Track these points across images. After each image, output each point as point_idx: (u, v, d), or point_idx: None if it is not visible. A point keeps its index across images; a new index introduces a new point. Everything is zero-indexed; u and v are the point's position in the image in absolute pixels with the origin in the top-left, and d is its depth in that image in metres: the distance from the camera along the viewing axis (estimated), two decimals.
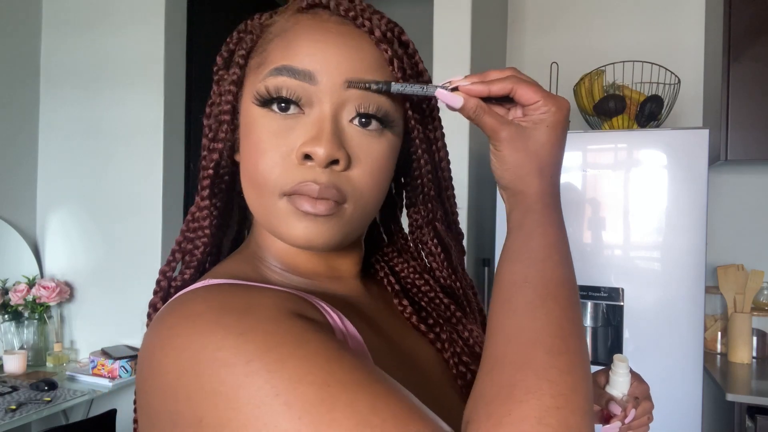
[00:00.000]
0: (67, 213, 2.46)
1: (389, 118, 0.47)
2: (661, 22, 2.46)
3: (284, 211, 0.45)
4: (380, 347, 0.48)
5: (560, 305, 0.41)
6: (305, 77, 0.44)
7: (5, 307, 2.23)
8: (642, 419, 0.65)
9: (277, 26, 0.49)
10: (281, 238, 0.47)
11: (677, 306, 1.78)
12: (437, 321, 0.56)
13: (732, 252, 2.32)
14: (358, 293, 0.54)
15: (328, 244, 0.46)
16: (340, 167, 0.44)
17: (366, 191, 0.46)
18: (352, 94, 0.45)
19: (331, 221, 0.45)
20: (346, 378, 0.35)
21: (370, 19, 0.47)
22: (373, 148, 0.46)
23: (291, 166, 0.44)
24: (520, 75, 0.46)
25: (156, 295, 0.51)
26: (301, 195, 0.44)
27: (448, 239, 0.58)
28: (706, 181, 1.76)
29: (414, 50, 0.51)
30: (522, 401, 0.35)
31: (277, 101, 0.45)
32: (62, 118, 2.47)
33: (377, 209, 0.50)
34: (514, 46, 2.67)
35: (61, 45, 2.48)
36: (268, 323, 0.38)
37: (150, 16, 2.32)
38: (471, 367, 0.53)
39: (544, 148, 0.46)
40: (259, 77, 0.46)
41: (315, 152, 0.43)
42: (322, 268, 0.52)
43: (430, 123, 0.54)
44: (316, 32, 0.46)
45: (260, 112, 0.46)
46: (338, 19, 0.47)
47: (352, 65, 0.45)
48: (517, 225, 0.46)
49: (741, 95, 1.99)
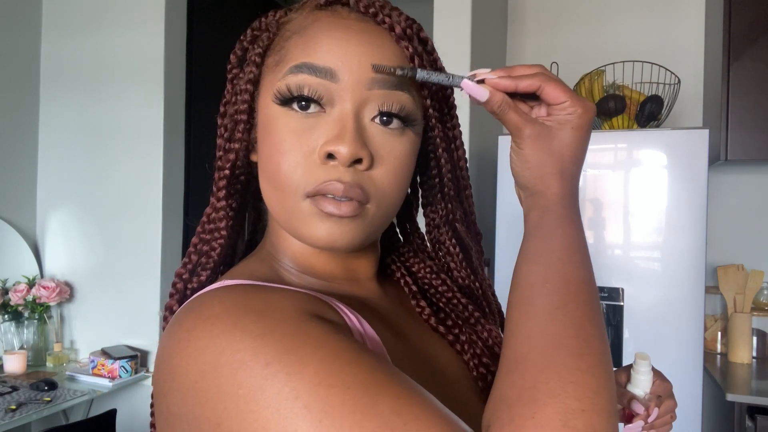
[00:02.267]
0: (67, 213, 2.46)
1: (411, 117, 0.46)
2: (661, 22, 2.46)
3: (307, 213, 0.44)
4: (399, 349, 0.47)
5: (581, 307, 0.40)
6: (326, 75, 0.43)
7: (5, 307, 2.24)
8: (665, 418, 0.64)
9: (295, 23, 0.48)
10: (303, 239, 0.46)
11: (677, 306, 1.78)
12: (456, 322, 0.55)
13: (732, 252, 2.32)
14: (375, 295, 0.53)
15: (351, 245, 0.45)
16: (363, 166, 0.44)
17: (388, 191, 0.46)
18: (375, 93, 0.44)
19: (354, 222, 0.44)
20: (367, 380, 0.34)
21: (390, 16, 0.46)
22: (395, 147, 0.45)
23: (313, 166, 0.44)
24: (547, 73, 0.45)
25: (172, 297, 0.50)
26: (325, 196, 0.43)
27: (468, 239, 0.57)
28: (706, 181, 1.76)
29: (432, 48, 0.51)
30: (546, 404, 0.34)
31: (298, 100, 0.44)
32: (62, 118, 2.47)
33: (398, 209, 0.50)
34: (514, 46, 2.67)
35: (61, 45, 2.48)
36: (286, 325, 0.37)
37: (150, 16, 2.32)
38: (491, 368, 0.52)
39: (567, 149, 0.45)
40: (278, 75, 0.45)
41: (338, 151, 0.42)
42: (338, 270, 0.51)
43: (449, 121, 0.53)
44: (336, 29, 0.45)
45: (280, 111, 0.45)
46: (358, 16, 0.46)
47: (375, 61, 0.44)
48: (535, 225, 0.45)
49: (741, 95, 1.99)
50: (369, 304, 0.51)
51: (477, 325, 0.55)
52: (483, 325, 0.55)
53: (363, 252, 0.53)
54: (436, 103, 0.50)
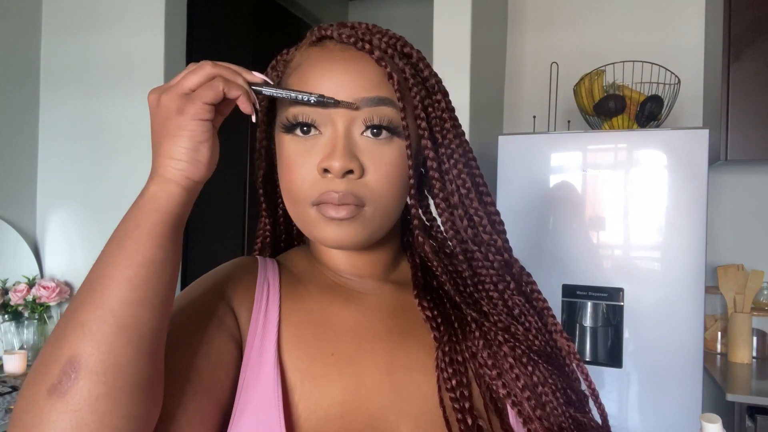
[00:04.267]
0: (67, 213, 2.46)
1: (394, 124, 0.52)
2: (661, 22, 2.46)
3: (315, 218, 0.52)
4: (326, 344, 0.53)
5: None
6: (317, 103, 0.50)
7: (5, 307, 2.24)
8: None
9: (294, 61, 0.56)
10: (316, 240, 0.55)
11: (677, 306, 1.78)
12: (462, 355, 0.55)
13: (732, 252, 2.32)
14: (369, 293, 0.59)
15: (355, 243, 0.53)
16: (355, 176, 0.51)
17: (383, 193, 0.52)
18: (359, 112, 0.51)
19: (354, 223, 0.52)
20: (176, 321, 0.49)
21: (371, 41, 0.53)
22: (384, 153, 0.52)
23: (315, 180, 0.52)
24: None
25: None
26: (326, 203, 0.51)
27: (476, 243, 0.58)
28: (706, 181, 1.76)
29: (418, 58, 0.56)
30: None
31: (299, 126, 0.52)
32: (62, 119, 2.47)
33: (398, 209, 0.56)
34: (514, 46, 2.67)
35: (61, 45, 2.48)
36: (197, 282, 0.55)
37: (150, 17, 2.32)
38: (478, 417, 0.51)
39: None
40: (283, 108, 0.54)
41: (331, 166, 0.50)
42: (344, 266, 0.60)
43: (438, 125, 0.57)
44: (323, 62, 0.53)
45: (287, 138, 0.54)
46: (342, 47, 0.54)
47: (357, 84, 0.51)
48: None
49: (741, 95, 1.99)
50: (354, 297, 0.58)
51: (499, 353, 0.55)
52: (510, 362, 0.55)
53: (369, 252, 0.60)
54: (421, 112, 0.55)
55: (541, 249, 1.93)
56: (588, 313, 1.91)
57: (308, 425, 0.48)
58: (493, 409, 0.53)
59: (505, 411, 0.53)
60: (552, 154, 1.95)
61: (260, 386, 0.48)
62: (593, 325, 1.91)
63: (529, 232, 1.94)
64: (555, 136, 1.98)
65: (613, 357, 1.85)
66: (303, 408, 0.49)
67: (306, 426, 0.48)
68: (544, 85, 2.37)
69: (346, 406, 0.50)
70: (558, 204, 1.93)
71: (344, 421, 0.49)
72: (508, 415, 0.53)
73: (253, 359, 0.50)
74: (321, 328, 0.54)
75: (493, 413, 0.53)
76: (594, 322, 1.90)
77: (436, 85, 0.57)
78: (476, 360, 0.55)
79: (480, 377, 0.54)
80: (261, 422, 0.46)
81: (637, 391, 1.82)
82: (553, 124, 2.25)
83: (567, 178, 1.92)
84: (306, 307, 0.56)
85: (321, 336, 0.53)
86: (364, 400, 0.50)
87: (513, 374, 0.53)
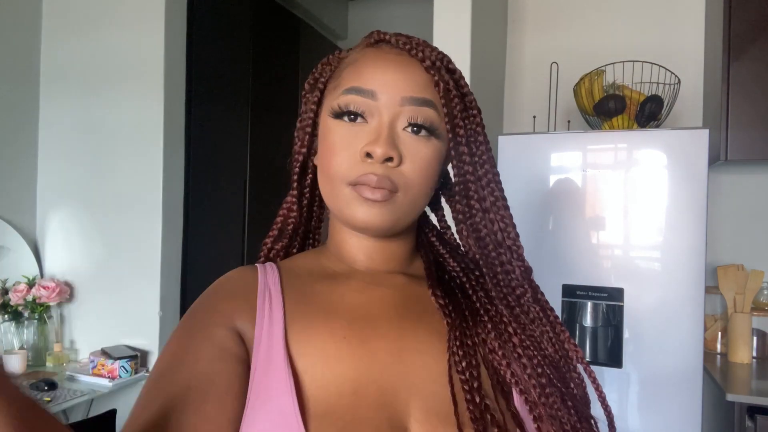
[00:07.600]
0: (67, 213, 2.46)
1: (434, 127, 0.57)
2: (661, 22, 2.46)
3: (349, 197, 0.56)
4: (338, 330, 0.56)
5: None
6: (369, 95, 0.56)
7: (5, 307, 2.24)
8: None
9: (350, 57, 0.61)
10: (345, 218, 0.58)
11: (677, 306, 1.78)
12: (472, 342, 0.57)
13: (732, 252, 2.32)
14: (382, 284, 0.61)
15: (381, 225, 0.56)
16: (393, 164, 0.55)
17: (415, 183, 0.57)
18: (405, 108, 0.56)
19: (385, 206, 0.55)
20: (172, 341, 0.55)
21: (423, 51, 0.58)
22: (421, 149, 0.57)
23: (356, 162, 0.56)
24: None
25: (258, 260, 0.67)
26: (363, 184, 0.55)
27: (491, 257, 0.61)
28: (706, 181, 1.76)
29: (460, 76, 0.62)
30: None
31: (347, 114, 0.57)
32: (62, 118, 2.47)
33: (424, 202, 0.60)
34: (514, 46, 2.67)
35: (61, 45, 2.48)
36: (199, 302, 0.59)
37: (150, 16, 2.32)
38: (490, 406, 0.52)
39: None
40: (335, 96, 0.58)
41: (374, 151, 0.54)
42: (361, 255, 0.63)
43: (473, 136, 0.61)
44: (378, 60, 0.58)
45: (334, 123, 0.58)
46: (397, 51, 0.59)
47: (406, 84, 0.56)
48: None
49: (741, 95, 1.99)
50: (367, 287, 0.61)
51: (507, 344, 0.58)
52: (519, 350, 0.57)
53: (386, 245, 0.63)
54: (460, 121, 0.59)
55: (541, 249, 1.93)
56: (588, 313, 1.91)
57: (322, 402, 0.50)
58: (500, 390, 0.55)
59: (511, 395, 0.55)
60: (552, 154, 1.96)
61: (271, 377, 0.51)
62: (593, 325, 1.91)
63: (529, 232, 1.94)
64: (555, 136, 1.98)
65: (613, 357, 1.86)
66: (315, 387, 0.51)
67: (319, 402, 0.50)
68: (544, 85, 2.37)
69: (359, 382, 0.52)
70: (558, 204, 1.93)
71: (357, 396, 0.51)
72: (513, 399, 0.55)
73: (261, 362, 0.52)
74: (332, 314, 0.57)
75: (500, 395, 0.55)
76: (594, 322, 1.90)
77: (473, 102, 0.62)
78: (486, 346, 0.58)
79: (488, 362, 0.57)
80: (275, 407, 0.49)
81: (637, 391, 1.82)
82: (553, 124, 2.25)
83: (567, 178, 1.92)
84: (314, 297, 0.59)
85: (332, 322, 0.56)
86: (377, 377, 0.53)
87: (521, 363, 0.56)
